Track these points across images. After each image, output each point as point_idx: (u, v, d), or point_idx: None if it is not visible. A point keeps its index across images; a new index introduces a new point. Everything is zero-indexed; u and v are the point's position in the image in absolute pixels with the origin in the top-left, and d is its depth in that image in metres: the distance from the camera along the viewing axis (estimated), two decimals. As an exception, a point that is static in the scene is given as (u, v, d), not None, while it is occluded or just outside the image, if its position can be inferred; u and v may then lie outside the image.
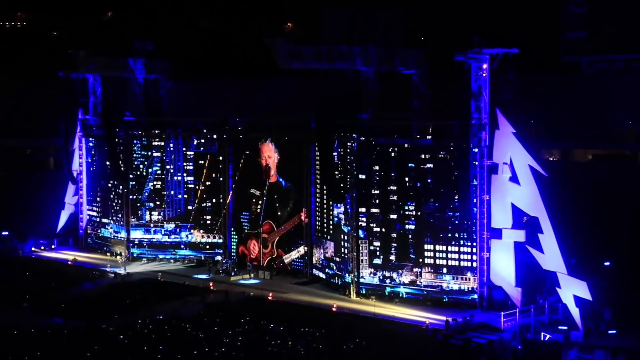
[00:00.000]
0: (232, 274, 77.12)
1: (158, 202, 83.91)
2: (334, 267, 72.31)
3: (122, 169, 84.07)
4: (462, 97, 65.12)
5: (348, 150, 70.97)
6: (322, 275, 74.11)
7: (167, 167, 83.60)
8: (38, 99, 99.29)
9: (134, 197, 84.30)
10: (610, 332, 58.61)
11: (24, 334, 59.72)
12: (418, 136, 68.44)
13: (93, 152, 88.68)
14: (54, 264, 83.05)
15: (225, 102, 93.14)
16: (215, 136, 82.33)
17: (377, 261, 68.78)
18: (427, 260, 66.99)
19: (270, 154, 78.72)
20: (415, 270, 67.33)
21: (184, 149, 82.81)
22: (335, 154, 72.06)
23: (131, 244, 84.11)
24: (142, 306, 66.72)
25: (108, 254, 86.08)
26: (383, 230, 68.65)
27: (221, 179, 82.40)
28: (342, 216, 71.57)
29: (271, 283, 75.11)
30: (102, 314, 64.23)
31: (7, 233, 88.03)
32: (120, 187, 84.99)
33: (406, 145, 68.13)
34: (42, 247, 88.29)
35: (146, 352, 55.56)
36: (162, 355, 54.88)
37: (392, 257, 68.40)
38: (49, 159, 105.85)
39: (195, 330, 60.34)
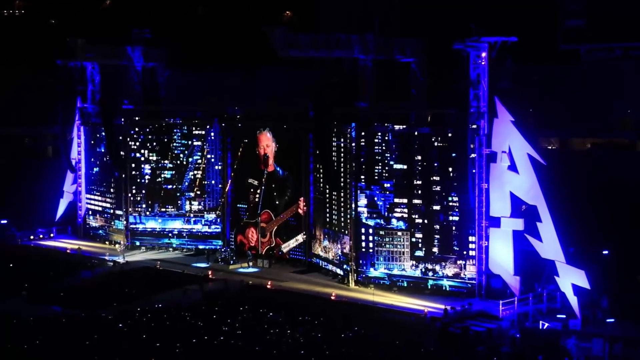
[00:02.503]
0: (231, 262, 77.18)
1: (198, 192, 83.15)
2: (351, 263, 70.09)
3: (122, 157, 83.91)
4: (461, 85, 65.08)
5: (365, 140, 69.76)
6: (339, 271, 71.66)
7: (208, 156, 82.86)
8: (36, 88, 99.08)
9: (173, 187, 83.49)
10: (608, 320, 58.80)
11: (22, 322, 59.77)
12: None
13: (94, 142, 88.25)
14: (53, 252, 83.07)
15: (223, 90, 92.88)
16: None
17: (419, 253, 67.46)
18: (471, 253, 65.60)
19: (268, 143, 78.65)
20: (459, 262, 66.12)
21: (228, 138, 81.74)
22: (335, 143, 72.02)
23: (171, 235, 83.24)
24: (141, 295, 66.79)
25: (108, 243, 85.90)
26: (425, 221, 67.12)
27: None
28: (364, 209, 69.57)
29: (270, 272, 75.19)
30: (100, 302, 64.22)
31: (5, 222, 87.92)
32: (138, 177, 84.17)
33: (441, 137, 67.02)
34: (41, 236, 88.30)
35: (145, 341, 55.60)
36: (161, 343, 54.90)
37: (435, 250, 67.00)
38: (47, 148, 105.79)
39: (194, 318, 60.44)
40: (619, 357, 54.61)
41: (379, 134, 68.91)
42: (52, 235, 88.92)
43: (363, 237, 69.39)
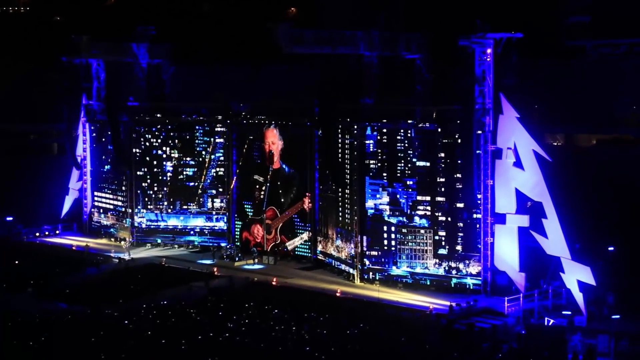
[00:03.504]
0: (237, 259, 77.20)
1: (221, 190, 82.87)
2: (368, 262, 69.62)
3: (127, 154, 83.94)
4: (466, 82, 65.01)
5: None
6: (352, 271, 70.79)
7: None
8: (41, 85, 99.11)
9: (195, 184, 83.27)
10: (613, 317, 58.78)
11: (28, 319, 59.81)
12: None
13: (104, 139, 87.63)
14: (58, 249, 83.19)
15: (227, 87, 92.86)
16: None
17: (443, 251, 67.06)
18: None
19: (274, 140, 78.63)
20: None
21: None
22: (342, 140, 71.98)
23: (193, 233, 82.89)
24: (146, 292, 66.88)
25: (114, 240, 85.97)
26: (449, 219, 66.84)
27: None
28: (386, 207, 69.11)
29: (275, 268, 75.23)
30: (106, 299, 64.35)
31: (11, 218, 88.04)
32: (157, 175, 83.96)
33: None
34: (47, 233, 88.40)
35: (150, 338, 55.66)
36: (166, 340, 54.95)
37: (459, 248, 66.64)
38: (52, 144, 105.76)
39: (199, 315, 60.48)
40: (624, 354, 54.55)
41: (402, 130, 68.47)
42: (57, 232, 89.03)
43: (385, 235, 68.74)
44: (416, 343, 54.57)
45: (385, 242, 68.83)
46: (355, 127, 70.27)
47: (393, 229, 68.52)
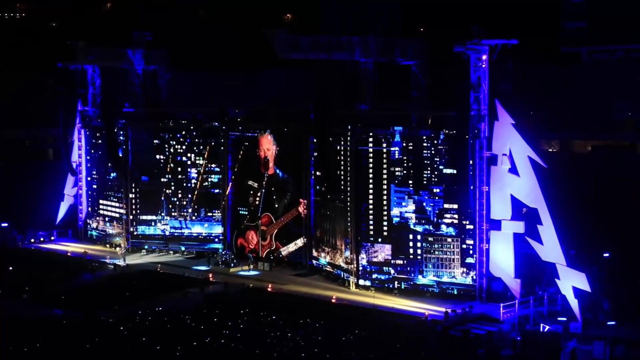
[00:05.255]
0: (232, 265, 77.13)
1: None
2: (392, 271, 68.16)
3: (122, 160, 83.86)
4: (462, 88, 65.02)
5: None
6: (367, 283, 68.95)
7: None
8: (37, 90, 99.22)
9: (219, 191, 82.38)
10: (609, 323, 58.77)
11: (23, 325, 59.69)
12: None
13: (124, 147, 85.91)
14: (54, 255, 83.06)
15: (224, 92, 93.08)
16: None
17: (470, 260, 65.88)
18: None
19: (269, 147, 78.56)
20: None
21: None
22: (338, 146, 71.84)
23: (217, 240, 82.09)
24: (142, 298, 66.76)
25: (109, 246, 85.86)
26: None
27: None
28: (411, 215, 67.62)
29: (270, 274, 75.12)
30: (101, 305, 64.23)
31: (6, 224, 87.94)
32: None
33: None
34: (42, 239, 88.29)
35: (146, 344, 55.58)
36: (161, 346, 54.89)
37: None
38: (48, 150, 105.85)
39: (194, 321, 60.37)
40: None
41: (430, 137, 67.14)
42: (52, 238, 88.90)
43: (411, 244, 67.56)
44: (412, 349, 54.53)
45: (411, 250, 67.77)
46: (392, 133, 68.69)
47: (419, 237, 67.42)
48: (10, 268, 76.50)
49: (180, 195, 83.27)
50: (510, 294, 63.20)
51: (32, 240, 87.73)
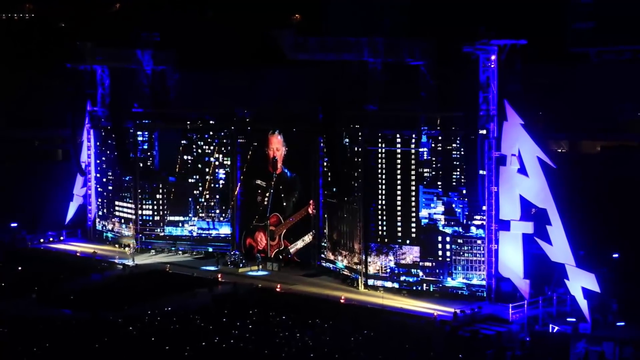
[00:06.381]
0: (241, 265, 77.18)
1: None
2: (421, 273, 67.74)
3: (131, 160, 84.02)
4: (470, 88, 64.95)
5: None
6: (391, 284, 68.37)
7: None
8: (46, 91, 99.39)
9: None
10: (618, 324, 58.60)
11: (32, 325, 59.87)
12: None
13: (146, 147, 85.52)
14: (63, 255, 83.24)
15: (232, 93, 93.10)
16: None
17: None
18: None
19: (278, 147, 78.61)
20: None
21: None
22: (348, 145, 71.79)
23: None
24: (151, 298, 66.87)
25: (118, 246, 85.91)
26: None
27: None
28: (440, 216, 67.25)
29: (279, 275, 75.16)
30: (110, 305, 64.40)
31: (15, 224, 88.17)
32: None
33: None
34: (51, 239, 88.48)
35: (154, 344, 55.67)
36: (170, 346, 54.97)
37: None
38: (57, 151, 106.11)
39: (203, 321, 60.46)
40: (629, 361, 54.53)
41: (458, 138, 66.97)
42: (61, 238, 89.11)
43: (440, 246, 67.13)
44: (420, 350, 54.50)
45: (440, 252, 67.36)
46: (417, 135, 68.32)
47: (448, 239, 67.00)
48: (20, 268, 76.66)
49: (207, 196, 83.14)
50: (519, 294, 63.14)
51: (42, 240, 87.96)
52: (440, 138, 67.74)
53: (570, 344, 54.73)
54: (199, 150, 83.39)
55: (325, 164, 74.92)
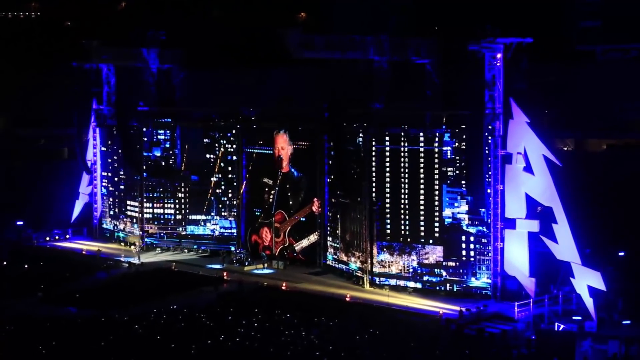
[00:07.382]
0: (246, 263, 77.22)
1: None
2: (445, 273, 67.03)
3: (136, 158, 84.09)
4: (476, 87, 64.92)
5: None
6: (414, 284, 67.70)
7: None
8: (52, 90, 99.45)
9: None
10: (624, 322, 58.54)
11: (38, 323, 59.96)
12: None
13: (167, 146, 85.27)
14: (69, 253, 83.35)
15: (237, 91, 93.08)
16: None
17: None
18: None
19: (284, 146, 78.58)
20: None
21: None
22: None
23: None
24: (156, 296, 66.93)
25: (124, 244, 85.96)
26: None
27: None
28: (464, 216, 66.73)
29: (285, 273, 75.17)
30: (116, 303, 64.45)
31: (21, 223, 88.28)
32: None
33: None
34: (57, 237, 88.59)
35: (160, 342, 55.72)
36: (175, 344, 55.02)
37: None
38: (63, 149, 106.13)
39: (209, 319, 60.49)
40: (634, 359, 54.33)
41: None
42: (67, 236, 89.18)
43: (464, 245, 66.66)
44: (426, 348, 54.48)
45: (464, 252, 66.88)
46: (441, 134, 67.69)
47: (472, 239, 66.52)
48: (26, 266, 76.79)
49: (230, 195, 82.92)
50: (525, 292, 63.08)
51: (47, 238, 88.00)
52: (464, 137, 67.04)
53: (575, 343, 54.66)
54: (222, 149, 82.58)
55: (330, 162, 74.89)
